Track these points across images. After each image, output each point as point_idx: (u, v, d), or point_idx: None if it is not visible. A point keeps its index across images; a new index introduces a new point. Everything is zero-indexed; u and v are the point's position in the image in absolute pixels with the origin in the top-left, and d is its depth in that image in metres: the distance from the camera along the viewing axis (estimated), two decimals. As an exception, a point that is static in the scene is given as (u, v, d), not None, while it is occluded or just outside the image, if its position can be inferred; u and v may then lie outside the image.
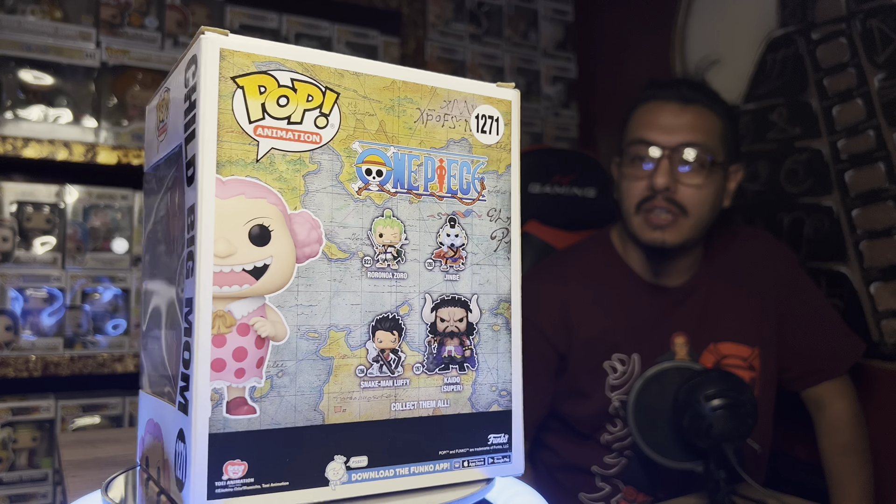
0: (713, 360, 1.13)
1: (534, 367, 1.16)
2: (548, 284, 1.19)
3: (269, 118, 0.48)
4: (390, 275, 0.52)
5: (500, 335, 0.56)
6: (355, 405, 0.50)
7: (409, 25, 1.75)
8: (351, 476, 0.49)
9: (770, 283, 1.19)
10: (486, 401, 0.55)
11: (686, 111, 1.10)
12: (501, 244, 0.57)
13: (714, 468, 0.89)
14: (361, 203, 0.51)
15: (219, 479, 0.45)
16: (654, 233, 1.10)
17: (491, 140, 0.57)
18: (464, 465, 0.54)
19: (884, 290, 1.25)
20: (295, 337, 0.48)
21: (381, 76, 0.53)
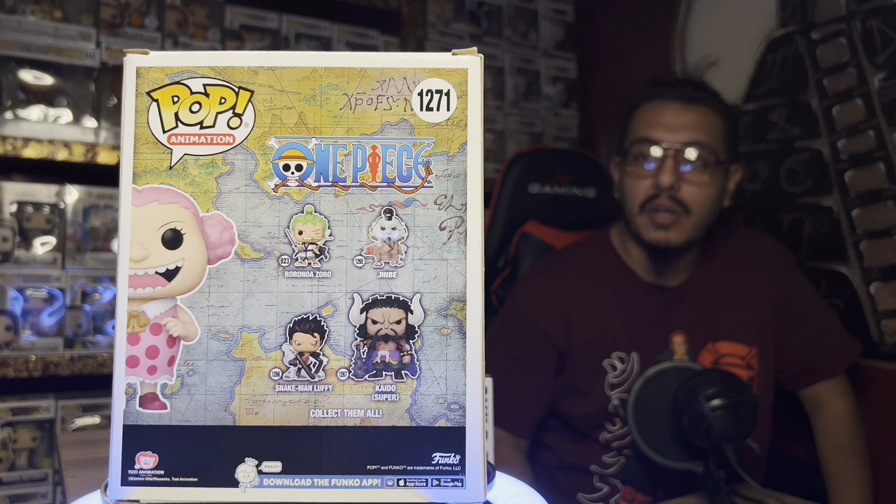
0: (711, 358, 1.14)
1: (534, 365, 1.16)
2: (547, 282, 1.19)
3: (182, 125, 0.50)
4: (311, 274, 0.49)
5: (451, 340, 0.48)
6: (269, 408, 0.49)
7: (409, 25, 1.75)
8: (263, 480, 0.48)
9: (768, 282, 1.19)
10: (430, 414, 0.48)
11: (689, 110, 1.11)
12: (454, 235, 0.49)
13: (714, 468, 0.89)
14: (278, 200, 0.49)
15: (131, 468, 0.48)
16: (658, 232, 1.10)
17: (439, 117, 0.50)
18: (399, 484, 0.48)
19: (884, 290, 1.25)
20: (206, 337, 0.49)
21: (299, 67, 0.50)
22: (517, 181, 1.44)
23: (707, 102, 1.12)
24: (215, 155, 0.50)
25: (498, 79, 1.89)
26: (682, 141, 1.09)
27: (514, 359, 1.17)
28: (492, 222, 1.45)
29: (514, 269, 1.40)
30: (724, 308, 1.16)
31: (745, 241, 1.24)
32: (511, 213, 1.43)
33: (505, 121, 1.87)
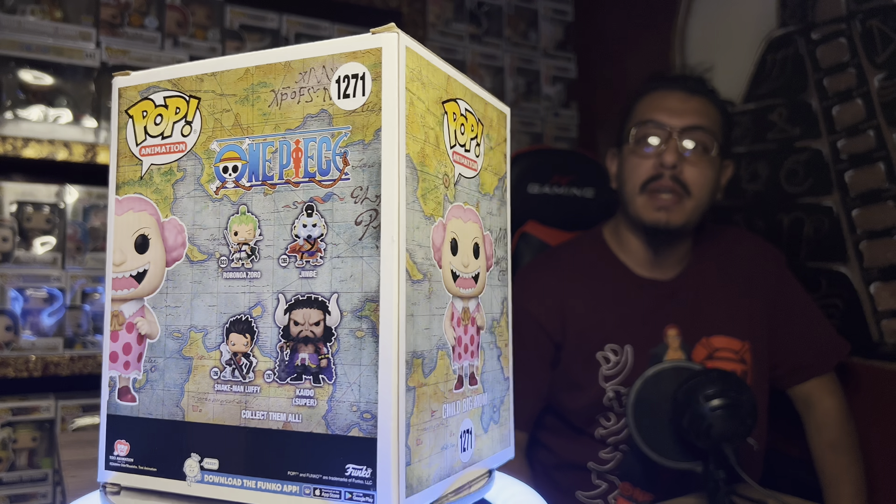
0: (705, 353, 1.15)
1: (530, 358, 1.17)
2: (542, 276, 1.21)
3: (149, 137, 0.54)
4: (244, 274, 0.49)
5: (365, 344, 0.44)
6: (209, 406, 0.49)
7: (409, 25, 1.75)
8: (204, 476, 0.49)
9: (758, 281, 1.20)
10: (344, 422, 0.45)
11: (692, 99, 1.15)
12: (368, 230, 0.45)
13: (713, 468, 0.89)
14: (219, 202, 0.50)
15: (111, 454, 0.53)
16: (659, 213, 1.12)
17: (354, 104, 0.46)
18: (315, 494, 0.46)
19: (884, 290, 1.25)
20: (164, 336, 0.52)
21: (235, 69, 0.50)
22: (516, 181, 1.44)
23: (707, 95, 1.17)
24: (172, 163, 0.52)
25: (498, 79, 1.89)
26: (687, 124, 1.12)
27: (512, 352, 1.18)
28: (492, 222, 1.45)
29: (514, 268, 1.41)
30: (717, 303, 1.17)
31: (736, 240, 1.26)
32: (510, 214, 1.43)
33: (505, 121, 1.88)
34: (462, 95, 0.53)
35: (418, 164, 0.47)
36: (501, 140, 0.59)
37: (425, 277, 0.47)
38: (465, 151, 0.53)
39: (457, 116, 0.52)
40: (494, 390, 0.56)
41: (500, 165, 0.59)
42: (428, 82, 0.48)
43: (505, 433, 0.58)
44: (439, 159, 0.49)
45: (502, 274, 0.59)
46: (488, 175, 0.57)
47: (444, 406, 0.48)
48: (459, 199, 0.52)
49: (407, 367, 0.45)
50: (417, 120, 0.47)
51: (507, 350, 0.59)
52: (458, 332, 0.51)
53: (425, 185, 0.47)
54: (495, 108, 0.59)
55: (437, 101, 0.49)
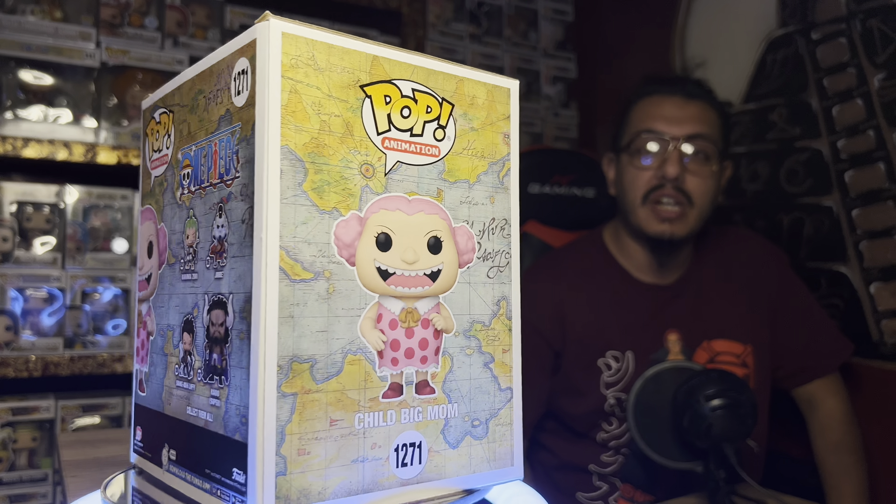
0: (706, 357, 1.14)
1: (529, 365, 1.16)
2: (541, 282, 1.20)
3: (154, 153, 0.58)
4: (190, 276, 0.50)
5: (244, 346, 0.43)
6: (173, 401, 0.52)
7: (409, 25, 1.75)
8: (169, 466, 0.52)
9: (761, 282, 1.20)
10: (232, 425, 0.44)
11: (690, 104, 1.13)
12: (247, 228, 0.43)
13: (714, 468, 0.89)
14: (181, 208, 0.53)
15: (135, 438, 0.58)
16: (663, 225, 1.11)
17: (241, 100, 0.45)
18: (215, 494, 0.45)
19: (884, 290, 1.25)
20: (157, 334, 0.56)
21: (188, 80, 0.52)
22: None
23: (705, 98, 1.15)
24: (161, 174, 0.57)
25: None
26: (687, 133, 1.10)
27: None
28: (492, 222, 1.45)
29: (514, 269, 1.40)
30: (718, 306, 1.17)
31: (738, 241, 1.25)
32: (511, 213, 1.43)
33: (505, 121, 1.87)
34: (407, 76, 0.49)
35: (307, 156, 0.44)
36: (498, 118, 0.53)
37: (319, 276, 0.44)
38: (410, 136, 0.49)
39: (392, 99, 0.48)
40: (476, 402, 0.50)
41: (495, 147, 0.53)
42: (329, 66, 0.45)
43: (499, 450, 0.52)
44: (352, 147, 0.46)
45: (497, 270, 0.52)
46: (467, 160, 0.51)
47: (358, 415, 0.45)
48: (397, 190, 0.48)
49: (281, 371, 0.42)
50: (306, 109, 0.44)
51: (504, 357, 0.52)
52: (395, 335, 0.47)
53: (321, 178, 0.44)
54: (482, 84, 0.53)
55: (347, 85, 0.46)
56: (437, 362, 0.49)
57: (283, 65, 0.43)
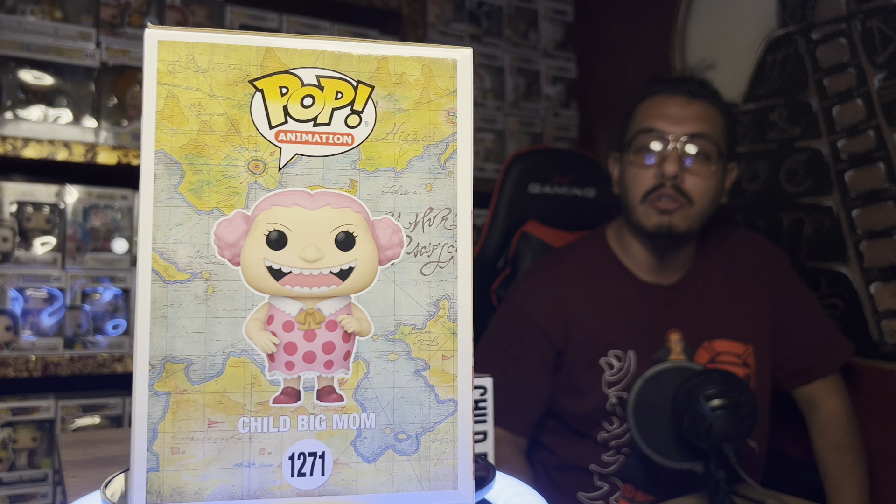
0: (708, 357, 1.14)
1: (531, 363, 1.16)
2: (544, 281, 1.20)
3: None
4: None
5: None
6: None
7: (409, 25, 1.75)
8: None
9: (763, 282, 1.20)
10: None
11: (693, 104, 1.12)
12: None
13: (714, 468, 0.89)
14: None
15: None
16: (661, 216, 1.10)
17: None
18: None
19: (884, 290, 1.25)
20: None
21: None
22: (517, 181, 1.44)
23: (709, 98, 1.14)
24: None
25: (498, 79, 1.89)
26: (687, 132, 1.10)
27: (512, 357, 1.17)
28: (492, 222, 1.45)
29: (514, 269, 1.40)
30: (720, 306, 1.17)
31: (740, 241, 1.24)
32: (511, 213, 1.43)
33: (505, 121, 1.87)
34: (310, 63, 0.46)
35: (183, 158, 0.44)
36: (438, 95, 0.47)
37: (196, 277, 0.44)
38: (313, 126, 0.46)
39: (290, 90, 0.46)
40: (401, 413, 0.45)
41: (434, 128, 0.47)
42: (212, 66, 0.45)
43: (435, 470, 0.45)
44: (238, 145, 0.45)
45: (435, 266, 0.46)
46: (391, 146, 0.47)
47: (242, 419, 0.44)
48: (295, 184, 0.46)
49: (153, 371, 0.43)
50: (184, 111, 0.45)
51: (446, 364, 0.46)
52: (290, 337, 0.45)
53: (200, 178, 0.44)
54: (415, 60, 0.47)
55: (234, 82, 0.45)
56: (346, 368, 0.45)
57: (158, 72, 0.44)
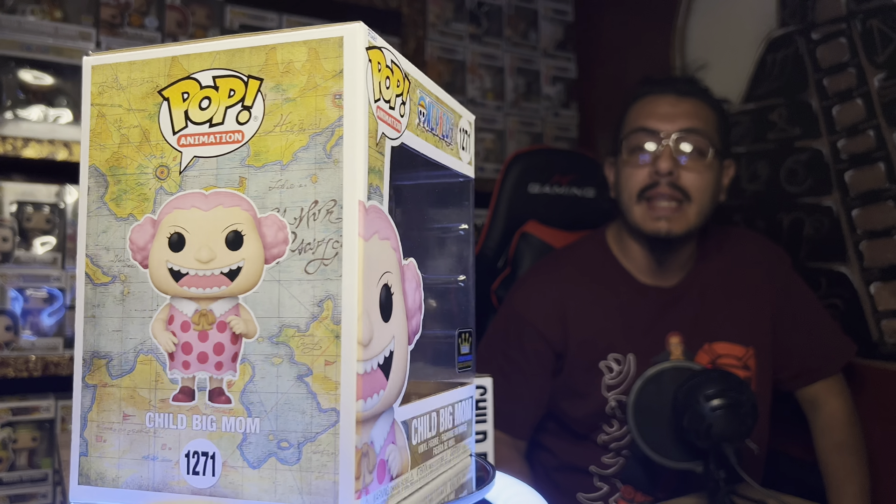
0: (708, 359, 1.14)
1: (531, 366, 1.16)
2: (544, 283, 1.19)
3: None
4: None
5: None
6: None
7: (409, 25, 1.75)
8: None
9: (764, 283, 1.19)
10: None
11: (683, 102, 1.13)
12: None
13: (714, 468, 0.89)
14: None
15: None
16: (659, 223, 1.10)
17: None
18: None
19: (884, 290, 1.25)
20: None
21: None
22: (517, 181, 1.44)
23: (699, 96, 1.15)
24: None
25: (498, 79, 1.89)
26: (680, 128, 1.10)
27: (512, 360, 1.17)
28: (491, 222, 1.45)
29: (514, 269, 1.40)
30: (720, 309, 1.16)
31: (740, 241, 1.24)
32: (511, 213, 1.43)
33: (505, 121, 1.87)
34: (208, 65, 0.46)
35: (108, 170, 0.47)
36: (324, 79, 0.44)
37: (115, 279, 0.46)
38: (209, 127, 0.46)
39: (191, 94, 0.46)
40: (284, 420, 0.43)
41: (319, 114, 0.43)
42: (130, 82, 0.47)
43: (315, 483, 0.42)
44: (148, 153, 0.47)
45: (319, 264, 0.43)
46: (279, 137, 0.44)
47: (149, 414, 0.45)
48: (193, 186, 0.45)
49: (85, 365, 0.47)
50: (109, 127, 0.48)
51: (328, 371, 0.42)
52: (186, 338, 0.45)
53: (119, 188, 0.47)
54: (301, 44, 0.45)
55: (146, 94, 0.47)
56: (234, 370, 0.44)
57: (91, 94, 0.49)
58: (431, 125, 0.52)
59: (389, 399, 0.45)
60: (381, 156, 0.44)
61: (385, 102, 0.45)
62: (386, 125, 0.45)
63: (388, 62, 0.46)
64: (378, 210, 0.44)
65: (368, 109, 0.43)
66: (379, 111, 0.44)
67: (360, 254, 0.42)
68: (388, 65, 0.46)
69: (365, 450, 0.42)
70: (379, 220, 0.44)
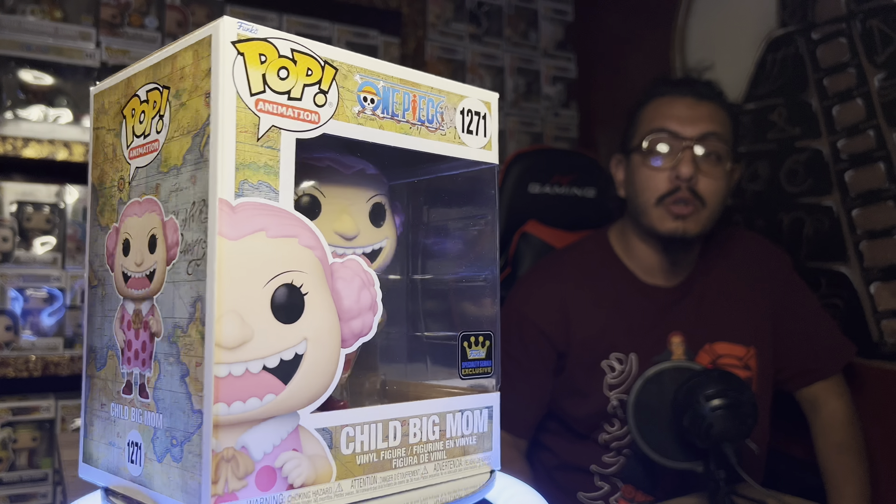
0: (709, 359, 1.14)
1: (532, 365, 1.16)
2: (546, 282, 1.19)
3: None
4: None
5: None
6: None
7: (409, 25, 1.75)
8: None
9: (764, 284, 1.19)
10: None
11: (702, 105, 1.12)
12: None
13: (714, 468, 0.89)
14: None
15: None
16: (676, 222, 1.10)
17: None
18: None
19: (884, 290, 1.25)
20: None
21: None
22: (517, 181, 1.44)
23: (716, 100, 1.14)
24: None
25: (498, 79, 1.89)
26: (700, 132, 1.09)
27: (513, 359, 1.17)
28: (492, 222, 1.44)
29: (515, 269, 1.40)
30: (721, 309, 1.16)
31: (741, 242, 1.24)
32: (511, 214, 1.43)
33: (505, 121, 1.87)
34: (143, 82, 0.48)
35: (98, 186, 0.53)
36: (201, 79, 0.43)
37: (100, 282, 0.52)
38: (144, 139, 0.48)
39: (135, 111, 0.49)
40: (175, 418, 0.43)
41: (198, 115, 0.43)
42: (110, 105, 0.52)
43: (190, 483, 0.41)
44: (115, 167, 0.51)
45: (195, 265, 0.42)
46: (176, 143, 0.45)
47: (113, 405, 0.50)
48: (135, 195, 0.48)
49: (87, 358, 0.53)
50: (99, 147, 0.53)
51: (198, 372, 0.41)
52: (129, 336, 0.48)
53: (102, 200, 0.52)
54: (189, 49, 0.44)
55: (116, 114, 0.51)
56: (150, 367, 0.46)
57: (93, 119, 0.54)
58: (392, 112, 0.49)
59: (290, 404, 0.43)
60: (272, 150, 0.43)
61: (278, 94, 0.43)
62: (280, 117, 0.43)
63: (283, 52, 0.44)
64: (266, 207, 0.42)
65: (238, 104, 0.42)
66: (264, 104, 0.43)
67: (221, 254, 0.40)
68: (286, 55, 0.44)
69: (229, 454, 0.41)
70: (267, 216, 0.42)
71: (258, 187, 0.42)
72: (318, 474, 0.45)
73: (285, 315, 0.43)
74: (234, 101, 0.41)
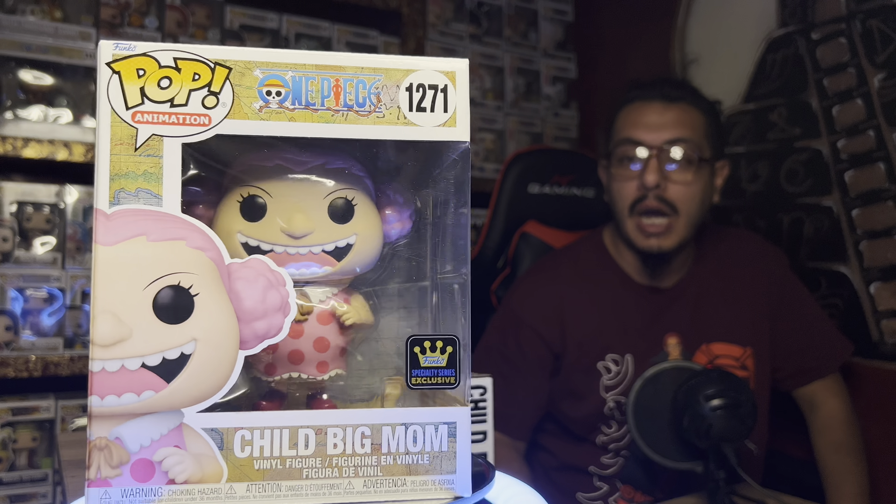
0: (706, 360, 1.14)
1: (529, 367, 1.16)
2: (542, 284, 1.19)
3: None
4: None
5: None
6: None
7: (409, 25, 1.75)
8: None
9: (761, 283, 1.19)
10: None
11: (670, 109, 1.11)
12: None
13: (714, 468, 0.89)
14: None
15: None
16: (650, 240, 1.10)
17: None
18: None
19: (884, 290, 1.25)
20: None
21: None
22: (517, 181, 1.44)
23: (687, 100, 1.12)
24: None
25: (498, 79, 1.89)
26: (665, 140, 1.09)
27: (510, 360, 1.17)
28: (491, 222, 1.45)
29: (514, 269, 1.40)
30: (718, 309, 1.16)
31: (738, 242, 1.24)
32: (511, 214, 1.43)
33: (505, 121, 1.87)
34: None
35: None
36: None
37: None
38: None
39: None
40: None
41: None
42: None
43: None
44: None
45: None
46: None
47: None
48: None
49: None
50: None
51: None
52: None
53: None
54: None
55: None
56: None
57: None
58: (307, 101, 0.47)
59: (172, 402, 0.45)
60: (154, 158, 0.45)
61: (158, 104, 0.45)
62: (161, 125, 0.45)
63: (165, 63, 0.46)
64: (146, 213, 0.45)
65: (113, 119, 0.45)
66: (142, 115, 0.45)
67: (96, 259, 0.44)
68: (168, 64, 0.46)
69: (102, 444, 0.44)
70: (148, 221, 0.45)
71: (136, 195, 0.45)
72: (205, 473, 0.45)
73: (170, 315, 0.45)
74: (108, 116, 0.45)
